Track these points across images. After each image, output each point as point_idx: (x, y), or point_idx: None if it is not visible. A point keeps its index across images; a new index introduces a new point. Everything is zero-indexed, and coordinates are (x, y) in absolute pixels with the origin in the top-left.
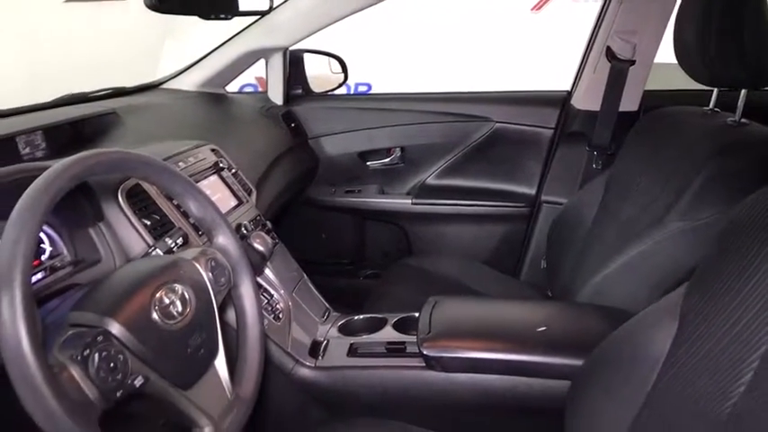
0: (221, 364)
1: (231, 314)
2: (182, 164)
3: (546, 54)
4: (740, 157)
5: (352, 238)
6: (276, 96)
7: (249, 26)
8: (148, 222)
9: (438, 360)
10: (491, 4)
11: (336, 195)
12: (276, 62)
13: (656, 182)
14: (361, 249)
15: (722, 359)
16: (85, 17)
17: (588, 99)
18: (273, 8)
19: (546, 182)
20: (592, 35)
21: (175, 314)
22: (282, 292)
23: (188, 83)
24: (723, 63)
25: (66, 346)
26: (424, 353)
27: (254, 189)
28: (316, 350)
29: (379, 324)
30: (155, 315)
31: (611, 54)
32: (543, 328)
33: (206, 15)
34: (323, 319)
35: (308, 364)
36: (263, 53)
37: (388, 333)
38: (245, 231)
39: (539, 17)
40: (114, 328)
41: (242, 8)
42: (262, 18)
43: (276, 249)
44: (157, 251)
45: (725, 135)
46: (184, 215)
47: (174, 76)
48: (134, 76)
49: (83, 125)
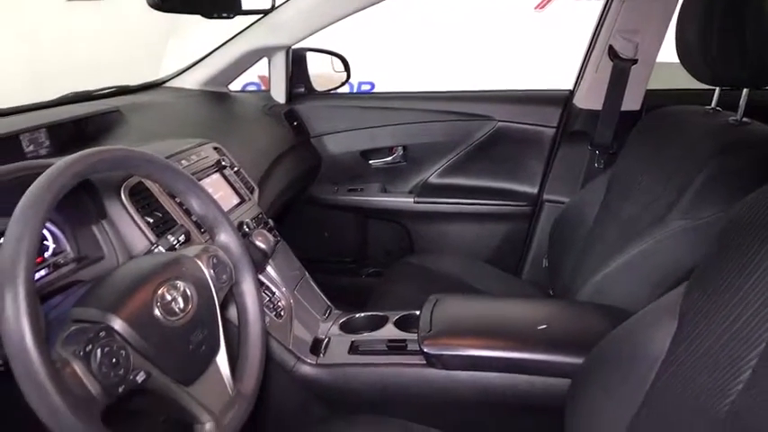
0: (223, 361)
1: (233, 311)
2: (184, 162)
3: (549, 53)
4: (742, 156)
5: (355, 236)
6: (279, 95)
7: (252, 25)
8: (151, 220)
9: (439, 358)
10: (494, 2)
11: (339, 194)
12: (279, 61)
13: (657, 181)
14: (364, 248)
15: (721, 357)
16: (87, 16)
17: (590, 98)
18: (276, 7)
19: (548, 181)
20: (594, 34)
21: (177, 311)
22: (284, 290)
23: (191, 81)
24: (725, 62)
25: (69, 341)
26: (425, 350)
27: (256, 187)
28: (317, 347)
29: (380, 322)
30: (157, 311)
31: (613, 53)
32: (543, 327)
33: (208, 14)
34: (324, 317)
35: (309, 361)
36: (265, 52)
37: (389, 331)
38: (246, 229)
39: (542, 16)
40: (117, 324)
41: (244, 7)
42: (265, 17)
43: (278, 247)
44: (160, 248)
45: (726, 134)
46: (187, 213)
47: (177, 75)
48: (137, 74)
49: (86, 123)
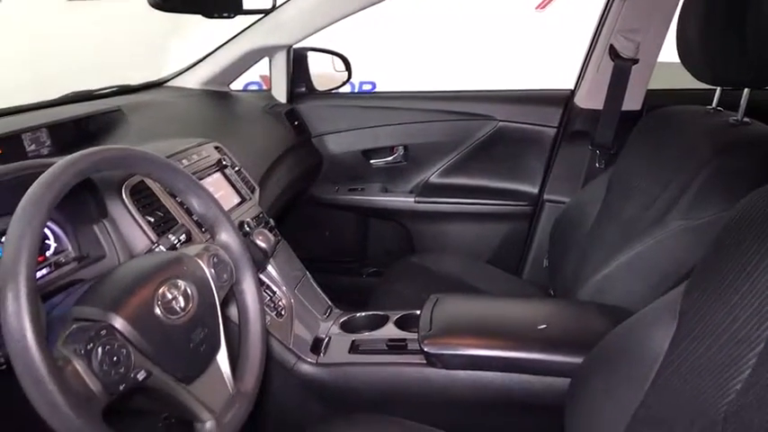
0: (223, 360)
1: (233, 310)
2: (185, 161)
3: (550, 53)
4: (742, 156)
5: (355, 236)
6: (280, 94)
7: (253, 24)
8: (152, 219)
9: (439, 357)
10: (496, 2)
11: (339, 193)
12: (280, 60)
13: (657, 181)
14: (364, 247)
15: (720, 357)
16: (88, 16)
17: (591, 98)
18: (277, 6)
19: (548, 181)
20: (595, 34)
21: (178, 309)
22: (285, 289)
23: (192, 81)
24: (726, 62)
25: (71, 340)
26: (425, 350)
27: (257, 187)
28: (317, 347)
29: (380, 321)
30: (157, 310)
31: (614, 53)
32: (543, 326)
33: (209, 14)
34: (325, 317)
35: (309, 360)
36: (266, 51)
37: (389, 330)
38: (247, 228)
39: (543, 15)
40: (118, 323)
41: (245, 7)
42: (266, 16)
43: (279, 247)
44: (161, 247)
45: (727, 134)
46: (188, 212)
47: (179, 74)
48: (138, 73)
49: (88, 122)
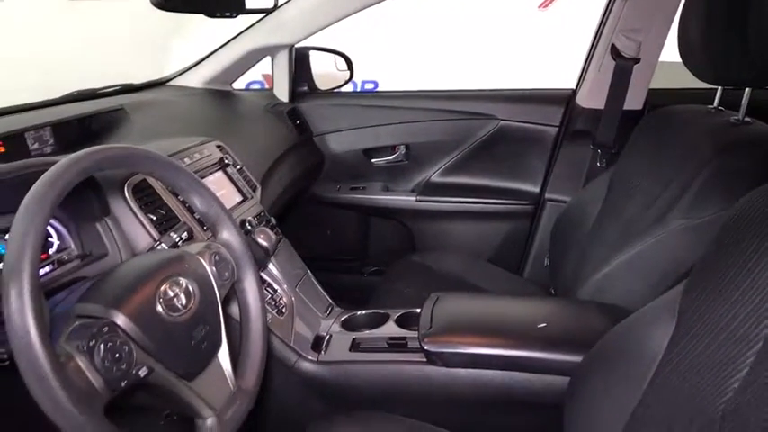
0: (224, 357)
1: (235, 308)
2: (187, 160)
3: (553, 52)
4: (743, 156)
5: (357, 234)
6: (282, 93)
7: (255, 23)
8: (154, 217)
9: (439, 355)
10: (498, 1)
11: (341, 192)
12: (282, 59)
13: (658, 180)
14: (366, 246)
15: (719, 355)
16: (90, 15)
17: (593, 97)
18: (279, 6)
19: (550, 180)
20: (596, 33)
21: (180, 307)
22: (286, 287)
23: (195, 80)
24: (727, 62)
25: (73, 336)
26: (426, 348)
27: (258, 185)
28: (318, 344)
29: (381, 319)
30: (159, 307)
31: (615, 52)
32: (543, 325)
33: (211, 13)
34: (326, 315)
35: (310, 358)
36: (268, 50)
37: (390, 328)
38: (249, 227)
39: (545, 15)
40: (120, 320)
41: (247, 6)
42: (268, 16)
43: (280, 245)
44: (163, 245)
45: (728, 133)
46: (189, 210)
47: (181, 73)
48: (141, 72)
49: (90, 121)
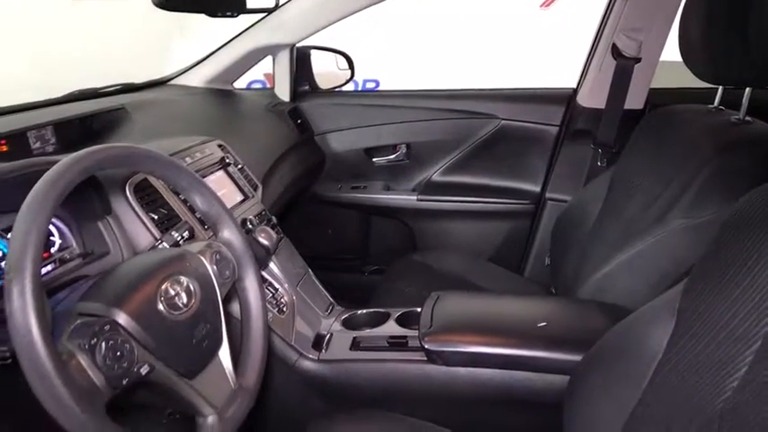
0: (225, 355)
1: (236, 306)
2: (188, 159)
3: (555, 51)
4: (743, 155)
5: (358, 233)
6: (283, 93)
7: (257, 23)
8: (155, 216)
9: (439, 354)
10: (500, 0)
11: (342, 191)
12: (283, 59)
13: (659, 180)
14: (366, 245)
15: (718, 354)
16: (93, 14)
17: (593, 97)
18: (280, 5)
19: (551, 179)
20: (597, 32)
21: (181, 305)
22: (287, 286)
23: (196, 79)
24: (728, 61)
25: (75, 334)
26: (426, 347)
27: (259, 184)
28: (319, 343)
29: (382, 318)
30: (160, 306)
31: (616, 51)
32: (543, 324)
33: (213, 13)
34: (327, 313)
35: (311, 356)
36: (270, 50)
37: (390, 327)
38: (250, 226)
39: (547, 14)
40: (121, 318)
41: (249, 5)
42: (269, 15)
43: (281, 244)
44: (164, 244)
45: (729, 133)
46: (191, 209)
47: (183, 73)
48: (143, 71)
49: (92, 120)
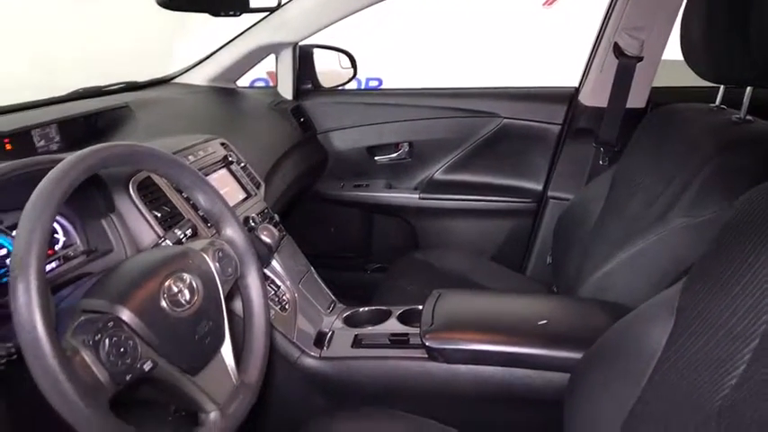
0: (227, 352)
1: (238, 304)
2: (191, 157)
3: (557, 50)
4: (744, 154)
5: (360, 231)
6: (286, 91)
7: (260, 21)
8: (158, 214)
9: (440, 351)
10: None
11: (344, 189)
12: (286, 57)
13: (660, 178)
14: (369, 243)
15: (716, 352)
16: (95, 13)
17: (595, 95)
18: (282, 4)
19: (553, 178)
20: (599, 31)
21: (183, 302)
22: (289, 284)
23: (199, 77)
24: (729, 60)
25: (79, 331)
26: (427, 344)
27: (262, 182)
28: (321, 341)
29: (383, 316)
30: (163, 303)
31: (618, 50)
32: (544, 322)
33: (216, 12)
34: (328, 311)
35: (312, 354)
36: (273, 48)
37: (392, 325)
38: (252, 224)
39: (550, 12)
40: (125, 315)
41: (251, 5)
42: (272, 14)
43: (283, 242)
44: (167, 242)
45: (730, 131)
46: (194, 207)
47: (186, 71)
48: (145, 70)
49: (96, 119)
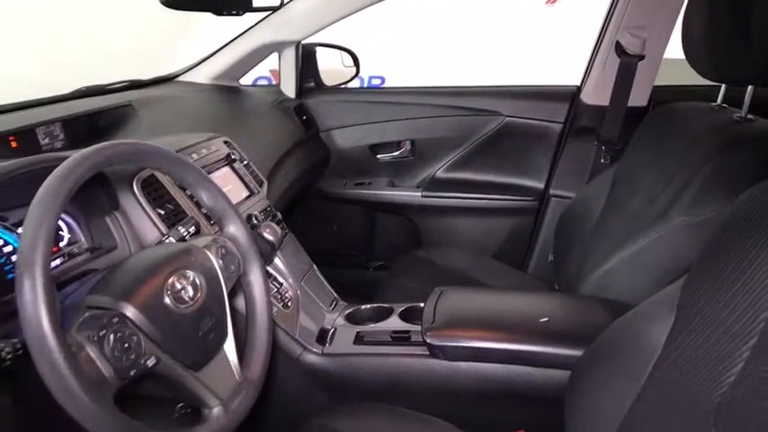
0: (230, 348)
1: (241, 301)
2: (195, 155)
3: (560, 48)
4: (744, 153)
5: (362, 229)
6: (288, 89)
7: (262, 20)
8: (162, 211)
9: (441, 349)
10: None
11: (347, 188)
12: (289, 56)
13: (661, 177)
14: (371, 241)
15: (715, 350)
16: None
17: (597, 94)
18: (285, 3)
19: (554, 176)
20: (601, 30)
21: (187, 299)
22: (291, 281)
23: (202, 76)
24: (730, 60)
25: (84, 327)
26: (428, 342)
27: (265, 180)
28: (323, 337)
29: (385, 313)
30: (167, 299)
31: (620, 49)
32: (545, 319)
33: (219, 11)
34: (331, 308)
35: (315, 350)
36: (275, 47)
37: (393, 322)
38: (255, 221)
39: (553, 11)
40: (129, 311)
41: (254, 4)
42: (275, 12)
43: (286, 240)
44: (170, 239)
45: (731, 130)
46: (197, 205)
47: (189, 69)
48: (150, 68)
49: (99, 117)
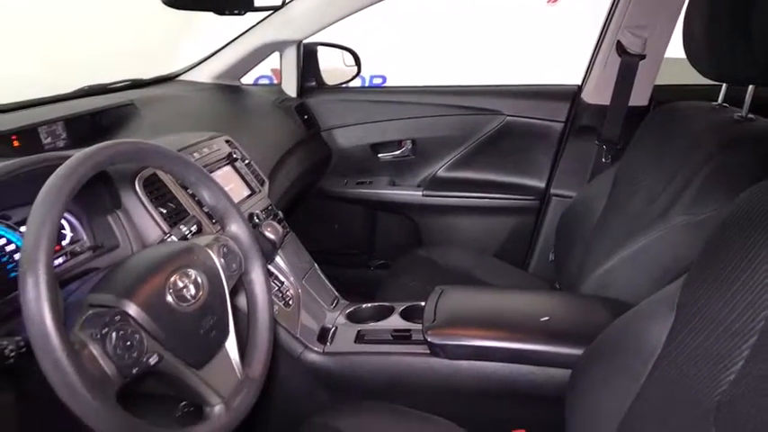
0: (232, 346)
1: (242, 299)
2: (196, 154)
3: (561, 48)
4: (745, 152)
5: (363, 228)
6: (290, 89)
7: (264, 19)
8: (164, 210)
9: (442, 347)
10: None
11: (348, 187)
12: (290, 55)
13: (662, 176)
14: (372, 240)
15: (715, 348)
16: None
17: (598, 93)
18: (287, 3)
19: (555, 175)
20: (602, 29)
21: (189, 297)
22: (293, 280)
23: (204, 75)
24: (731, 59)
25: (86, 325)
26: (429, 340)
27: (266, 179)
28: (324, 336)
29: (386, 312)
30: (169, 298)
31: (621, 48)
32: (546, 318)
33: (221, 11)
34: (332, 307)
35: (316, 349)
36: (277, 46)
37: (394, 321)
38: (256, 220)
39: (554, 10)
40: (131, 309)
41: (256, 3)
42: (276, 12)
43: (287, 238)
44: (172, 238)
45: (731, 130)
46: (199, 204)
47: (191, 68)
48: (152, 68)
49: (101, 116)
